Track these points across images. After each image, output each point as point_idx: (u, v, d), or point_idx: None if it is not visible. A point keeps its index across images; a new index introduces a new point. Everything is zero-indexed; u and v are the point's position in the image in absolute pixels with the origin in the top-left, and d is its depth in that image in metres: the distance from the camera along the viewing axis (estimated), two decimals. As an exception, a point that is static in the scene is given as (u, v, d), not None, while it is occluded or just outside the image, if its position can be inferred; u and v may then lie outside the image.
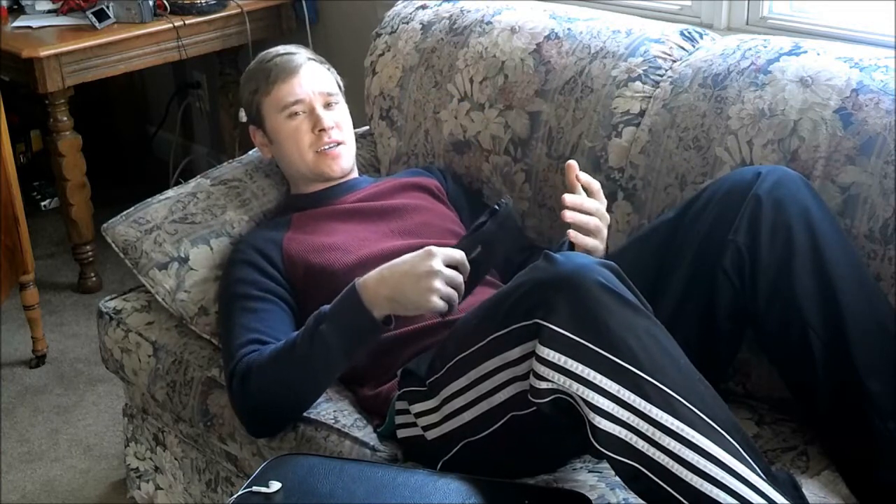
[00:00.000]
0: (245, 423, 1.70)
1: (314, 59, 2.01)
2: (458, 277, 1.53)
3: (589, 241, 1.62)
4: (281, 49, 2.02)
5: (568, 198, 1.59)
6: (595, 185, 1.66)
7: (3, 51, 2.85)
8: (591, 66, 1.97)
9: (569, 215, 1.58)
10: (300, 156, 1.95)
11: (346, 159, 1.98)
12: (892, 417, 1.48)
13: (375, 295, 1.55)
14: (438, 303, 1.51)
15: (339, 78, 2.05)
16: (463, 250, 1.55)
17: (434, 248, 1.54)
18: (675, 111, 1.85)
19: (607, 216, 1.67)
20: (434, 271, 1.51)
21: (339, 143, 1.96)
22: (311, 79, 1.96)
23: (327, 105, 1.96)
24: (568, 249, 1.67)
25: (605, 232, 1.66)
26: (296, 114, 1.94)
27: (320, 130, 1.93)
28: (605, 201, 1.68)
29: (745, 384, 1.74)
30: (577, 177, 1.63)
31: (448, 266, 1.52)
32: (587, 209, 1.61)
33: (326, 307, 1.60)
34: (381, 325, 1.56)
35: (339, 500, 1.37)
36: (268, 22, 3.21)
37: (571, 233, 1.60)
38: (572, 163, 1.63)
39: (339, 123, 1.97)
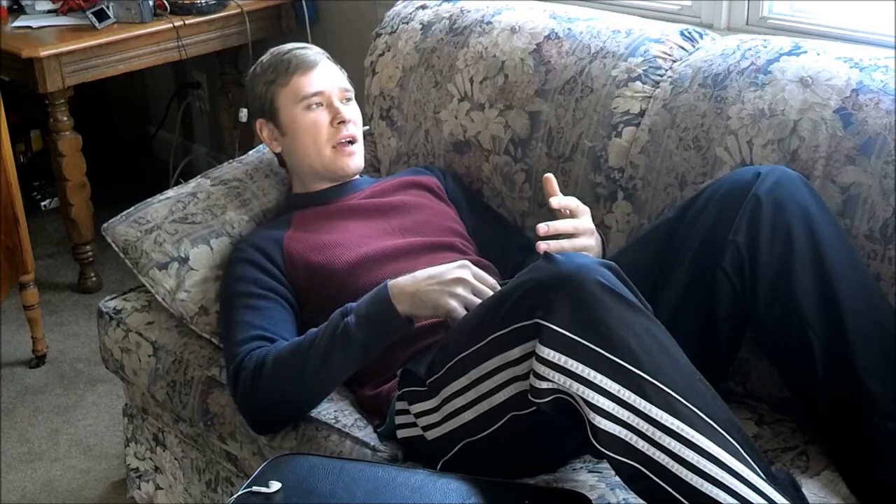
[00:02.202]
0: (248, 417, 1.69)
1: (328, 58, 2.03)
2: (486, 293, 1.57)
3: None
4: (294, 45, 2.04)
5: (541, 228, 1.61)
6: (572, 203, 1.69)
7: (3, 51, 2.85)
8: (591, 66, 1.97)
9: (542, 245, 1.59)
10: (317, 149, 1.94)
11: (360, 158, 1.98)
12: (891, 417, 1.48)
13: (401, 292, 1.58)
14: (453, 304, 1.56)
15: (349, 80, 2.05)
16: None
17: (469, 263, 1.61)
18: (675, 111, 1.85)
19: (590, 227, 1.70)
20: (461, 279, 1.57)
21: (354, 140, 1.96)
22: (328, 73, 1.98)
23: (344, 100, 1.97)
24: None
25: (590, 243, 1.68)
26: (314, 106, 1.94)
27: (339, 123, 1.93)
28: (586, 211, 1.70)
29: (745, 384, 1.74)
30: (551, 202, 1.66)
31: (479, 281, 1.58)
32: (561, 231, 1.64)
33: (351, 304, 1.63)
34: (402, 319, 1.58)
35: (339, 500, 1.37)
36: (268, 22, 3.21)
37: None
38: (549, 176, 1.67)
39: (355, 120, 1.98)
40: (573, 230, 1.66)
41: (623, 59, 1.95)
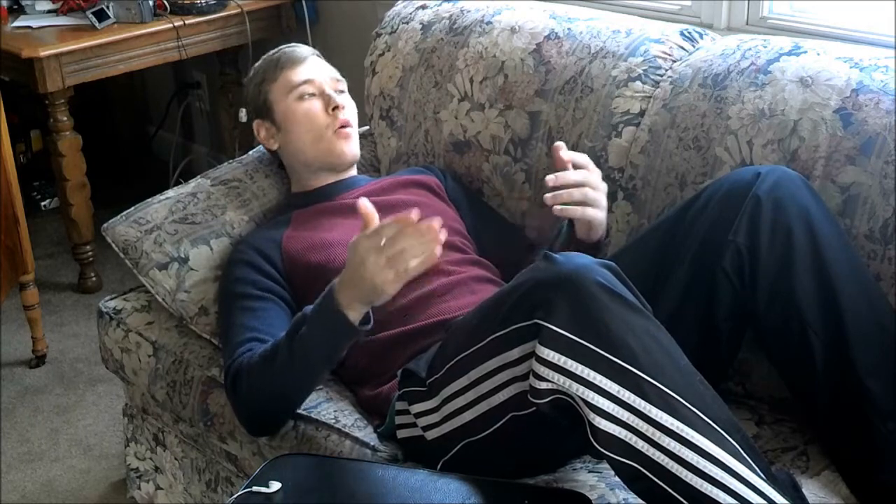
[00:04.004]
0: (242, 423, 1.70)
1: (319, 56, 2.05)
2: (399, 240, 1.43)
3: (578, 211, 1.65)
4: (285, 45, 2.06)
5: (549, 179, 1.61)
6: (580, 158, 1.69)
7: (3, 51, 2.85)
8: (591, 66, 1.97)
9: (549, 197, 1.62)
10: (315, 137, 1.95)
11: (356, 145, 1.99)
12: (891, 417, 1.48)
13: (347, 297, 1.51)
14: (389, 275, 1.44)
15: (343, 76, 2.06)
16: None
17: (355, 237, 1.49)
18: (675, 111, 1.85)
19: (600, 184, 1.69)
20: (362, 257, 1.45)
21: (350, 125, 1.96)
22: (318, 66, 2.00)
23: (337, 90, 1.99)
24: (566, 231, 1.70)
25: (601, 199, 1.68)
26: (306, 95, 1.95)
27: (334, 109, 1.94)
28: (596, 170, 1.70)
29: (745, 384, 1.74)
30: (560, 157, 1.65)
31: (380, 234, 1.45)
32: (570, 182, 1.64)
33: (309, 308, 1.57)
34: (357, 328, 1.52)
35: (339, 500, 1.37)
36: (268, 22, 3.21)
37: (556, 208, 1.63)
38: (559, 144, 1.67)
39: (350, 107, 1.99)
40: (582, 181, 1.66)
41: (623, 59, 1.95)
